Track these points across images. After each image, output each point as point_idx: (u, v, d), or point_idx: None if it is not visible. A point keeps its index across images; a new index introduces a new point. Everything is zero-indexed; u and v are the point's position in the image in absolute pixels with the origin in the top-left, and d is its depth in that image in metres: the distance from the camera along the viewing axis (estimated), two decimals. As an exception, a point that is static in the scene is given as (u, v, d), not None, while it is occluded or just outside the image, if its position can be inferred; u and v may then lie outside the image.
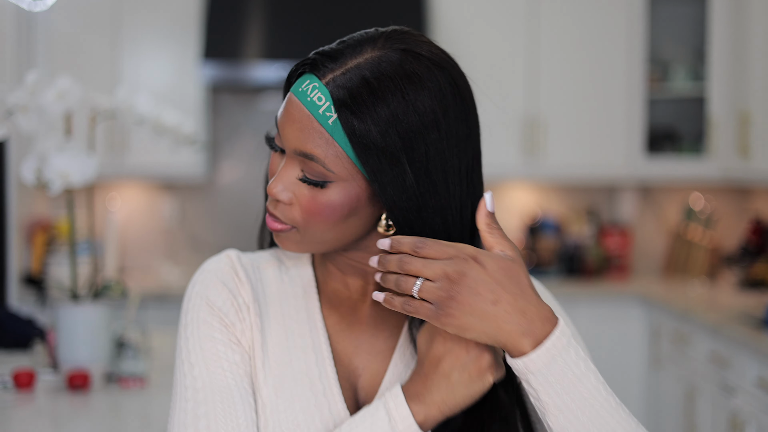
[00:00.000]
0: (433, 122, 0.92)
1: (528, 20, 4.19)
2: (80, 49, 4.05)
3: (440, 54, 0.96)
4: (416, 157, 0.91)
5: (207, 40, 3.93)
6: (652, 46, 4.29)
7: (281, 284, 1.06)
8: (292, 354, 1.02)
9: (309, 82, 0.93)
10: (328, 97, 0.91)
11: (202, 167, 4.13)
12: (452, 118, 0.93)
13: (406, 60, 0.92)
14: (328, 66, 0.92)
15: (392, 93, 0.90)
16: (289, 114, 0.94)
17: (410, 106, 0.91)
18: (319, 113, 0.91)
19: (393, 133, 0.90)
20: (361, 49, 0.93)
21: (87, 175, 2.10)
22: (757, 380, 2.93)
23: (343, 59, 0.92)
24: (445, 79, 0.94)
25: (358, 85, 0.90)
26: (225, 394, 0.97)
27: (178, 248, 4.44)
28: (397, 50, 0.93)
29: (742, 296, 3.77)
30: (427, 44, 0.96)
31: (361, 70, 0.91)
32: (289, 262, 1.07)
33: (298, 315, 1.04)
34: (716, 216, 4.38)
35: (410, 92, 0.91)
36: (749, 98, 3.71)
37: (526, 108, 4.21)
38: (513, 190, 4.53)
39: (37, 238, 3.97)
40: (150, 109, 2.32)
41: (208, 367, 0.98)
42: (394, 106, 0.90)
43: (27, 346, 2.50)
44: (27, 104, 2.05)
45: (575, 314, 3.96)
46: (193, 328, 1.01)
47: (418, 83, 0.92)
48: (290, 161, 0.95)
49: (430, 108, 0.91)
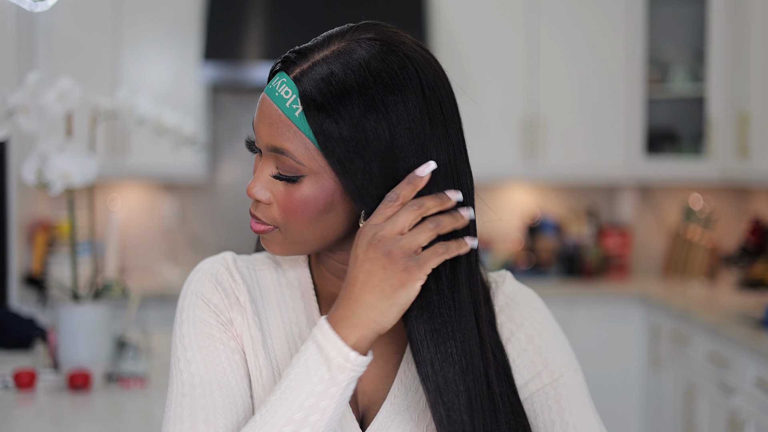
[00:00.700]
0: (400, 110, 0.91)
1: (528, 21, 4.19)
2: (81, 49, 4.05)
3: (411, 44, 0.95)
4: (382, 144, 0.91)
5: (207, 40, 3.93)
6: (652, 46, 4.30)
7: (279, 286, 1.06)
8: (293, 353, 1.02)
9: (278, 78, 0.94)
10: (294, 90, 0.92)
11: (202, 167, 4.14)
12: (419, 105, 0.92)
13: (372, 49, 0.92)
14: (297, 62, 0.94)
15: (357, 82, 0.91)
16: (261, 112, 0.95)
17: (375, 95, 0.91)
18: (285, 106, 0.92)
19: (356, 122, 0.90)
20: (329, 42, 0.94)
21: (87, 175, 2.11)
22: (756, 380, 2.93)
23: (311, 54, 0.94)
24: (414, 68, 0.93)
25: (322, 76, 0.91)
26: (225, 390, 0.97)
27: (178, 248, 4.45)
28: (363, 40, 0.93)
29: (742, 296, 3.78)
30: (396, 34, 0.95)
31: (326, 62, 0.92)
32: (285, 264, 1.07)
33: (297, 316, 1.04)
34: (715, 216, 4.39)
35: (375, 81, 0.91)
36: (749, 99, 3.71)
37: (526, 108, 4.21)
38: (512, 191, 4.54)
39: (38, 238, 3.98)
40: (150, 110, 2.32)
41: (207, 363, 0.98)
42: (358, 96, 0.91)
43: (28, 346, 2.51)
44: (28, 105, 2.06)
45: (575, 314, 3.98)
46: (189, 325, 1.01)
47: (384, 72, 0.91)
48: (266, 160, 0.96)
49: (393, 98, 0.91)
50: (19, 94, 2.06)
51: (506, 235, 4.50)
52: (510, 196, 4.54)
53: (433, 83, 0.94)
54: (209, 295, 1.02)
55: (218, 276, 1.03)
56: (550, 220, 4.44)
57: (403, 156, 0.92)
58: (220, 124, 4.41)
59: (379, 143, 0.91)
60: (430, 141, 0.93)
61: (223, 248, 1.02)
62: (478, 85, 4.13)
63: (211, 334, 1.00)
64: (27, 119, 2.06)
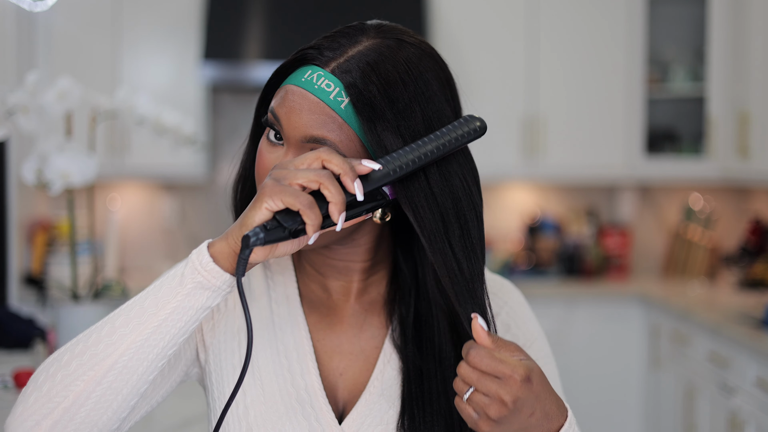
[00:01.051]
0: (434, 104, 0.94)
1: (528, 21, 4.19)
2: (81, 49, 4.05)
3: (427, 46, 0.99)
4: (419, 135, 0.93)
5: (207, 40, 3.93)
6: (652, 46, 4.30)
7: (266, 287, 1.08)
8: (278, 351, 1.05)
9: (311, 72, 0.94)
10: (337, 83, 0.93)
11: (202, 167, 4.14)
12: (446, 100, 0.96)
13: (402, 47, 0.95)
14: (328, 55, 0.94)
15: (399, 77, 0.93)
16: (294, 104, 0.94)
17: (417, 89, 0.93)
18: (329, 99, 0.93)
19: (401, 114, 0.92)
20: (356, 38, 0.96)
21: (87, 175, 2.11)
22: (757, 380, 2.93)
23: (342, 49, 0.95)
24: (436, 66, 0.97)
25: (364, 69, 0.92)
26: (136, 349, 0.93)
27: (178, 248, 4.45)
28: (392, 38, 0.96)
29: (742, 296, 3.78)
30: (412, 36, 0.99)
31: (363, 56, 0.93)
32: (275, 266, 1.09)
33: (280, 314, 1.06)
34: (715, 216, 4.39)
35: (413, 75, 0.94)
36: (749, 98, 3.71)
37: (526, 108, 4.21)
38: (512, 191, 4.54)
39: (38, 238, 3.98)
40: (150, 110, 2.32)
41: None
42: (402, 89, 0.92)
43: (28, 345, 2.50)
44: (27, 104, 2.05)
45: (575, 314, 3.98)
46: None
47: (419, 67, 0.95)
48: (293, 151, 0.95)
49: (429, 92, 0.94)
50: (19, 93, 2.05)
51: (506, 235, 4.50)
52: (510, 196, 4.53)
53: (453, 82, 0.99)
54: None
55: None
56: (550, 220, 4.44)
57: None
58: (220, 124, 4.41)
59: (417, 135, 0.92)
60: None
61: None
62: (478, 85, 4.13)
63: None
64: (27, 119, 2.06)
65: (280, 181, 0.86)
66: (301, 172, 0.86)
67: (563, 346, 3.94)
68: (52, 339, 2.26)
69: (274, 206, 0.86)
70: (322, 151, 0.88)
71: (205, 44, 3.92)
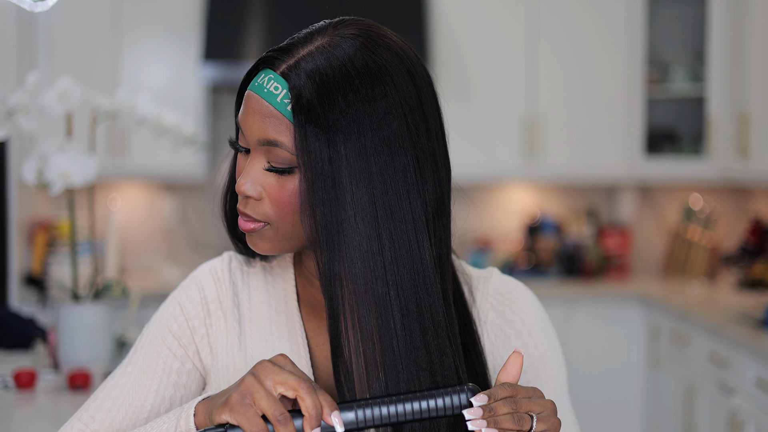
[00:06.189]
0: (390, 100, 0.92)
1: (528, 21, 4.19)
2: (81, 49, 4.05)
3: (391, 36, 0.97)
4: (369, 135, 0.92)
5: (207, 40, 3.94)
6: (652, 46, 4.30)
7: (266, 291, 1.08)
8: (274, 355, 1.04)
9: (264, 75, 0.96)
10: (284, 86, 0.93)
11: (202, 168, 4.14)
12: (411, 93, 0.93)
13: (355, 44, 0.94)
14: (281, 58, 0.95)
15: (343, 75, 0.92)
16: (248, 109, 0.96)
17: (360, 87, 0.91)
18: (277, 101, 0.93)
19: (343, 113, 0.91)
20: (311, 39, 0.96)
21: (88, 175, 2.11)
22: (756, 380, 2.94)
23: (295, 50, 0.95)
24: (397, 63, 0.94)
25: (310, 70, 0.92)
26: (138, 403, 1.04)
27: (178, 248, 4.45)
28: (347, 36, 0.95)
29: (742, 296, 3.78)
30: (377, 28, 0.97)
31: (312, 57, 0.93)
32: (277, 268, 1.09)
33: (278, 319, 1.06)
34: (715, 216, 4.39)
35: (359, 74, 0.92)
36: (748, 99, 3.72)
37: (526, 108, 4.21)
38: (512, 191, 4.54)
39: (38, 238, 3.98)
40: (150, 110, 2.33)
41: (142, 373, 1.05)
42: (348, 88, 0.91)
43: (28, 346, 2.51)
44: (28, 105, 2.06)
45: (575, 314, 3.98)
46: (152, 328, 1.08)
47: (370, 64, 0.92)
48: (255, 155, 0.96)
49: (381, 89, 0.92)
50: (19, 94, 2.06)
51: (506, 235, 4.50)
52: (510, 196, 4.54)
53: (420, 81, 0.95)
54: (185, 301, 1.07)
55: (203, 281, 1.08)
56: (550, 220, 4.44)
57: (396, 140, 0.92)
58: (220, 124, 4.41)
59: (353, 150, 0.91)
60: (422, 123, 0.94)
61: (222, 248, 1.02)
62: (478, 86, 4.13)
63: (160, 351, 1.05)
64: (27, 119, 2.06)
65: (252, 395, 0.86)
66: (268, 401, 0.86)
67: (563, 347, 3.91)
68: (52, 339, 2.27)
69: (233, 421, 0.87)
70: (303, 384, 0.86)
71: (205, 45, 3.93)
